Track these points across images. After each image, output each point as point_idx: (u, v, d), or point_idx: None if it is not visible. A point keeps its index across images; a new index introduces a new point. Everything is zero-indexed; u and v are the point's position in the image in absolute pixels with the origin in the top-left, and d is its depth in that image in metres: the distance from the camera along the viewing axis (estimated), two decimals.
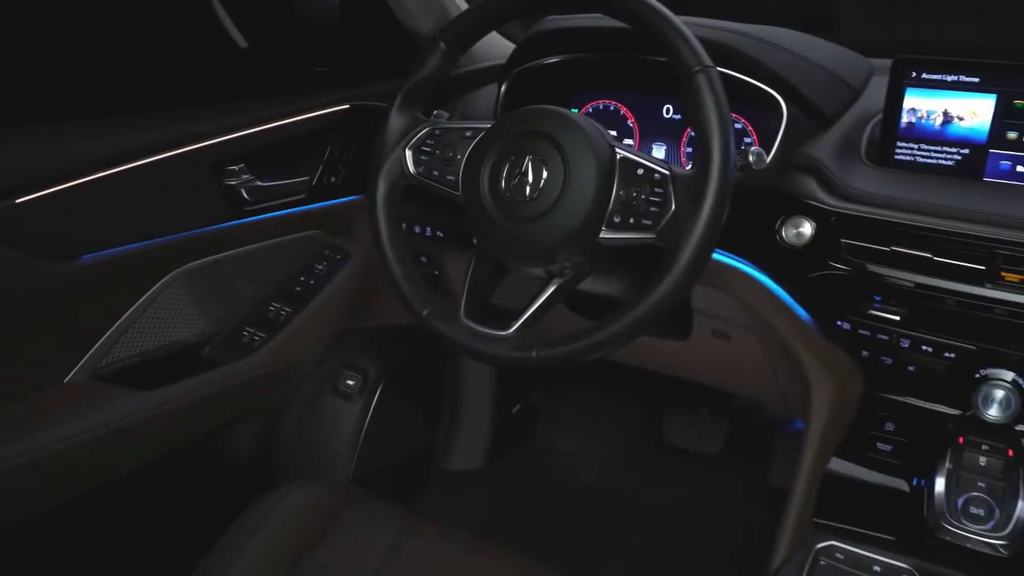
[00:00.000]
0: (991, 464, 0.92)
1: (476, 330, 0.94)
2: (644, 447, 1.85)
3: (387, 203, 1.01)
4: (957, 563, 0.88)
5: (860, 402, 1.07)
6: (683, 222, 0.82)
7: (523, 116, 0.93)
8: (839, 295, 0.99)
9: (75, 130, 1.03)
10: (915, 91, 0.98)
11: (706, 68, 0.82)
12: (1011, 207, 0.91)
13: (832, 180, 0.98)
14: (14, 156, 0.98)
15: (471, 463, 1.81)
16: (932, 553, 0.90)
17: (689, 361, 1.33)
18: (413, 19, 1.29)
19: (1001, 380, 0.93)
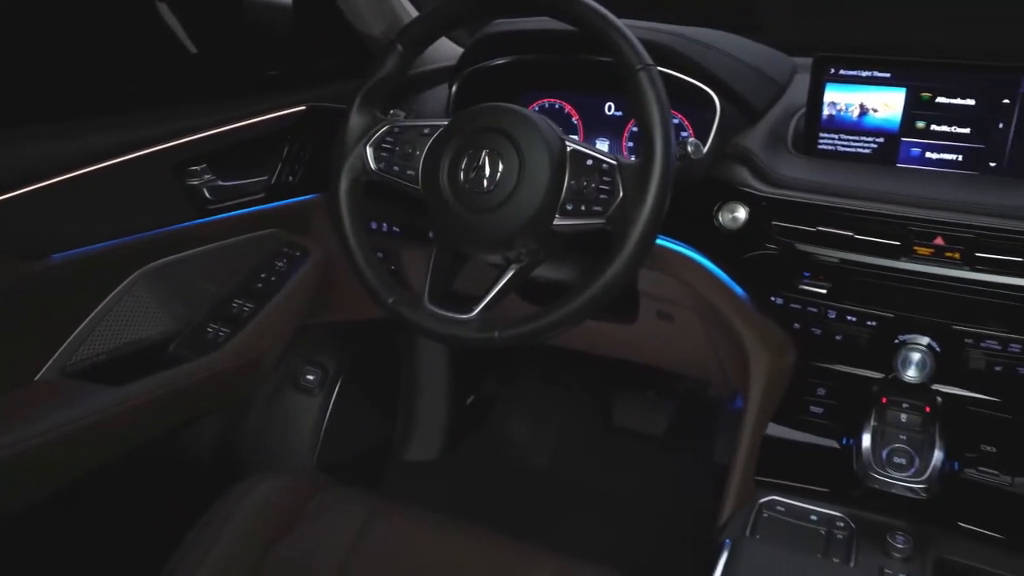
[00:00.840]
0: (911, 420, 1.02)
1: (440, 314, 1.00)
2: (595, 430, 1.92)
3: (350, 198, 1.06)
4: (884, 508, 0.97)
5: (794, 371, 1.17)
6: (630, 207, 0.89)
7: (479, 113, 0.98)
8: (772, 273, 1.08)
9: (43, 133, 1.05)
10: (834, 86, 1.07)
11: (647, 67, 0.90)
12: (921, 189, 1.01)
13: (762, 168, 1.07)
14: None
15: (429, 453, 1.85)
16: (862, 501, 0.99)
17: (637, 343, 1.41)
18: (365, 23, 1.33)
19: (917, 344, 1.02)
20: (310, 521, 1.08)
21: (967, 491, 1.00)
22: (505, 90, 1.29)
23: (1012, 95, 1.00)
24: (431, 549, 1.07)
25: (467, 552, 1.07)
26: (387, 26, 1.35)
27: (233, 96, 1.29)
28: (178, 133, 1.16)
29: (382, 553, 1.06)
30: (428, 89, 1.39)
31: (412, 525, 1.10)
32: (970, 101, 1.02)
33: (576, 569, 1.02)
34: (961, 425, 1.04)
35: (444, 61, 1.43)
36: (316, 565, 1.02)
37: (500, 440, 1.94)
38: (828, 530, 0.97)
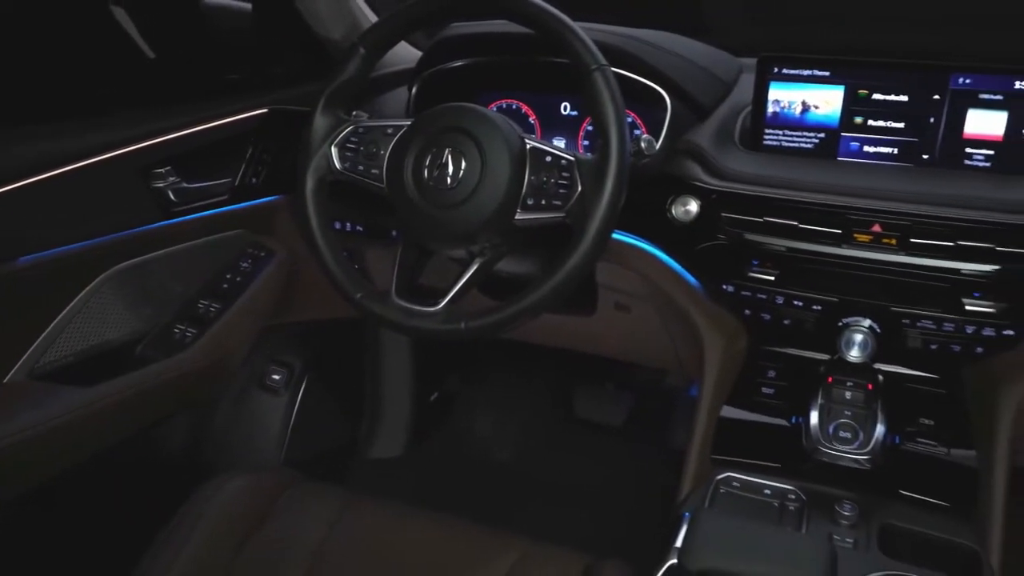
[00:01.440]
0: (855, 397, 1.08)
1: (408, 308, 1.03)
2: (556, 422, 1.97)
3: (316, 197, 1.08)
4: (832, 480, 1.03)
5: (746, 355, 1.23)
6: (589, 200, 0.94)
7: (441, 113, 1.02)
8: (723, 262, 1.13)
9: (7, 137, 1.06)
10: (778, 84, 1.13)
11: (602, 67, 0.94)
12: (860, 180, 1.07)
13: (712, 163, 1.12)
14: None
15: (394, 450, 1.88)
16: (812, 474, 1.05)
17: (596, 335, 1.45)
18: (325, 27, 1.36)
19: (860, 326, 1.09)
20: (280, 517, 1.10)
21: (907, 461, 1.07)
22: (463, 91, 1.32)
23: (941, 91, 1.06)
24: (401, 538, 1.10)
25: (436, 540, 1.10)
26: (346, 30, 1.38)
27: (193, 100, 1.30)
28: (142, 136, 1.17)
29: (353, 544, 1.08)
30: (388, 91, 1.42)
31: (381, 516, 1.13)
32: (903, 97, 1.08)
33: (543, 552, 1.06)
34: (901, 400, 1.11)
35: (403, 64, 1.46)
36: (288, 559, 1.04)
37: (464, 435, 1.98)
38: (781, 502, 1.02)
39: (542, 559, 1.05)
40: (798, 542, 0.88)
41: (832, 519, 0.99)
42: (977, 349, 1.06)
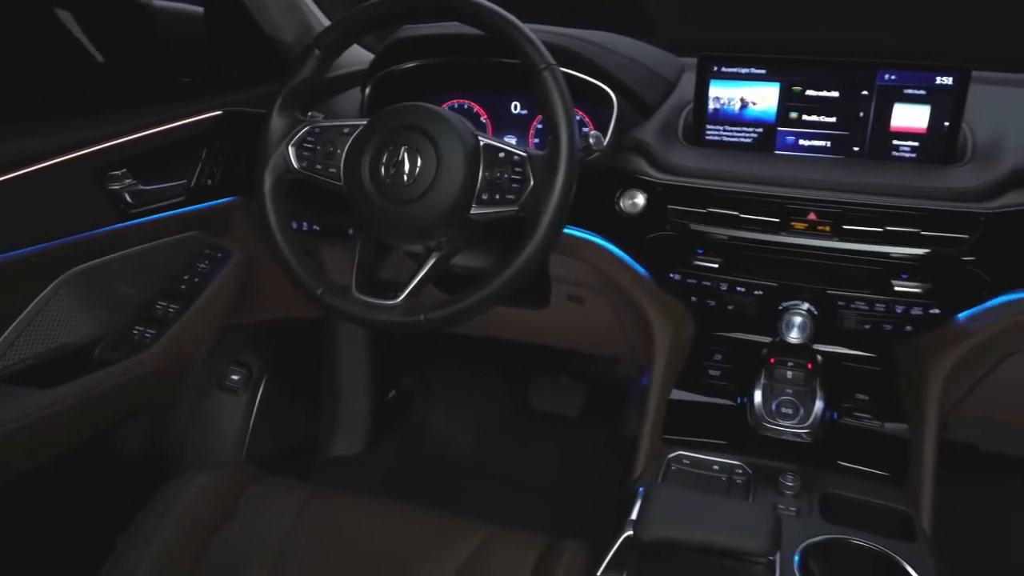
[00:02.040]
0: (795, 376, 1.14)
1: (368, 302, 1.06)
2: (513, 415, 2.01)
3: (274, 195, 1.10)
4: (775, 454, 1.09)
5: (693, 340, 1.28)
6: (541, 194, 0.98)
7: (396, 112, 1.05)
8: (669, 252, 1.19)
9: None
10: (717, 82, 1.19)
11: (551, 66, 0.99)
12: (795, 172, 1.14)
13: (657, 158, 1.18)
14: None
15: (353, 447, 1.90)
16: (756, 449, 1.11)
17: (550, 327, 1.50)
18: (277, 30, 1.38)
19: (798, 309, 1.15)
20: (245, 513, 1.12)
21: (845, 434, 1.14)
22: (416, 92, 1.35)
23: (869, 87, 1.13)
24: (365, 529, 1.12)
25: (400, 528, 1.13)
26: (299, 32, 1.40)
27: (145, 103, 1.31)
28: (98, 139, 1.18)
29: (317, 537, 1.10)
30: (341, 92, 1.45)
31: (345, 508, 1.15)
32: (835, 93, 1.15)
33: (505, 535, 1.09)
34: (838, 378, 1.17)
35: (355, 66, 1.49)
36: (254, 554, 1.06)
37: (422, 431, 2.00)
38: (729, 477, 1.08)
39: (503, 541, 1.09)
40: (745, 511, 0.94)
41: (776, 490, 1.05)
42: (907, 328, 1.13)
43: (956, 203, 1.05)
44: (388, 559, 1.07)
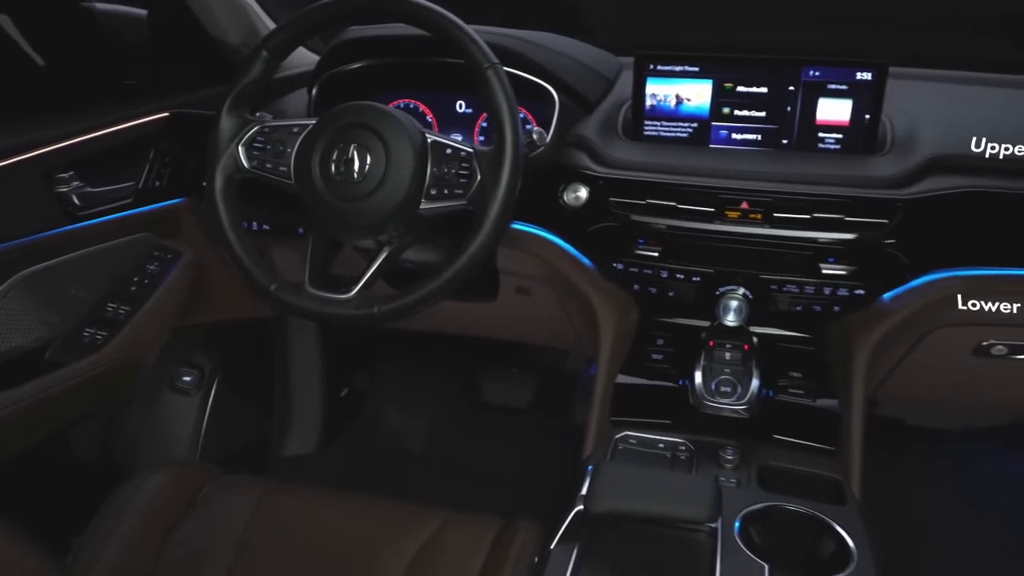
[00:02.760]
0: (733, 357, 1.20)
1: (321, 296, 1.09)
2: (465, 409, 2.05)
3: (225, 194, 1.12)
4: (715, 430, 1.15)
5: (637, 326, 1.34)
6: (488, 187, 1.02)
7: (345, 111, 1.08)
8: (612, 242, 1.24)
9: None
10: (654, 80, 1.24)
11: (494, 65, 1.03)
12: (729, 164, 1.20)
13: (598, 153, 1.23)
14: None
15: (307, 447, 1.91)
16: (698, 427, 1.17)
17: (499, 319, 1.54)
18: (223, 32, 1.39)
19: (735, 294, 1.21)
20: (207, 506, 1.13)
21: (780, 410, 1.20)
22: (362, 92, 1.36)
23: (795, 83, 1.19)
24: (324, 520, 1.14)
25: (358, 518, 1.15)
26: (244, 34, 1.41)
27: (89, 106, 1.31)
28: (45, 141, 1.18)
29: (277, 530, 1.12)
30: (287, 93, 1.47)
31: (303, 501, 1.17)
32: (763, 89, 1.21)
33: (461, 520, 1.13)
34: (773, 358, 1.24)
35: (301, 67, 1.51)
36: (214, 550, 1.07)
37: (376, 428, 2.03)
38: (673, 453, 1.14)
39: (460, 526, 1.12)
40: (688, 483, 0.99)
41: (718, 463, 1.10)
42: (835, 308, 1.20)
43: (877, 190, 1.13)
44: (347, 549, 1.10)
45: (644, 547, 0.93)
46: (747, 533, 0.96)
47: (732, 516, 0.97)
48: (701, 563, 0.90)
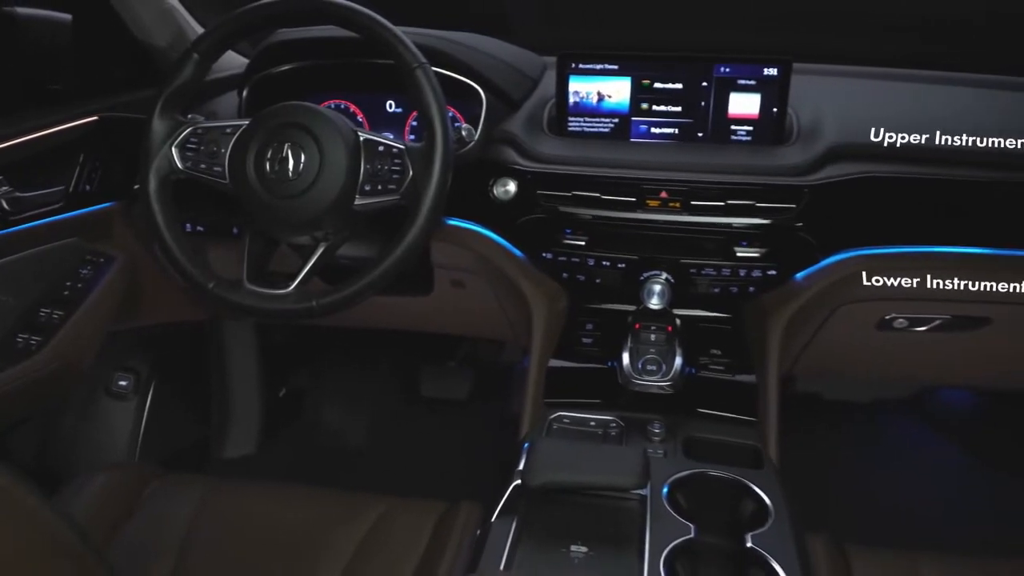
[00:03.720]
0: (658, 338, 1.26)
1: (260, 292, 1.11)
2: (404, 403, 2.08)
3: (160, 196, 1.13)
4: (643, 406, 1.22)
5: (567, 313, 1.40)
6: (420, 183, 1.06)
7: (278, 111, 1.10)
8: (541, 233, 1.29)
9: None
10: (576, 78, 1.29)
11: (423, 64, 1.07)
12: (648, 156, 1.27)
13: (525, 148, 1.28)
14: None
15: (246, 448, 1.92)
16: (627, 404, 1.23)
17: (435, 313, 1.58)
18: (150, 36, 1.39)
19: (658, 279, 1.27)
20: (150, 505, 1.14)
21: (702, 385, 1.27)
22: (292, 94, 1.37)
23: (708, 79, 1.26)
24: (268, 513, 1.16)
25: (302, 510, 1.17)
26: (172, 38, 1.42)
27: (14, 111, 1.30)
28: None
29: (222, 526, 1.13)
30: (218, 95, 1.48)
31: (247, 497, 1.19)
32: (678, 86, 1.27)
33: (404, 505, 1.17)
34: (695, 337, 1.31)
35: (229, 70, 1.52)
36: (160, 548, 1.08)
37: (316, 428, 2.04)
38: (604, 430, 1.20)
39: (403, 511, 1.16)
40: (618, 454, 1.06)
41: (646, 437, 1.17)
42: (750, 289, 1.28)
43: (784, 178, 1.21)
44: (293, 540, 1.12)
45: (580, 515, 0.98)
46: (674, 498, 1.02)
47: (660, 483, 1.03)
48: (633, 527, 0.96)
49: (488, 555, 0.93)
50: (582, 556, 0.92)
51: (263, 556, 1.11)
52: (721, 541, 0.98)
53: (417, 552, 1.09)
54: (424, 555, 1.09)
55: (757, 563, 0.92)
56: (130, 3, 1.33)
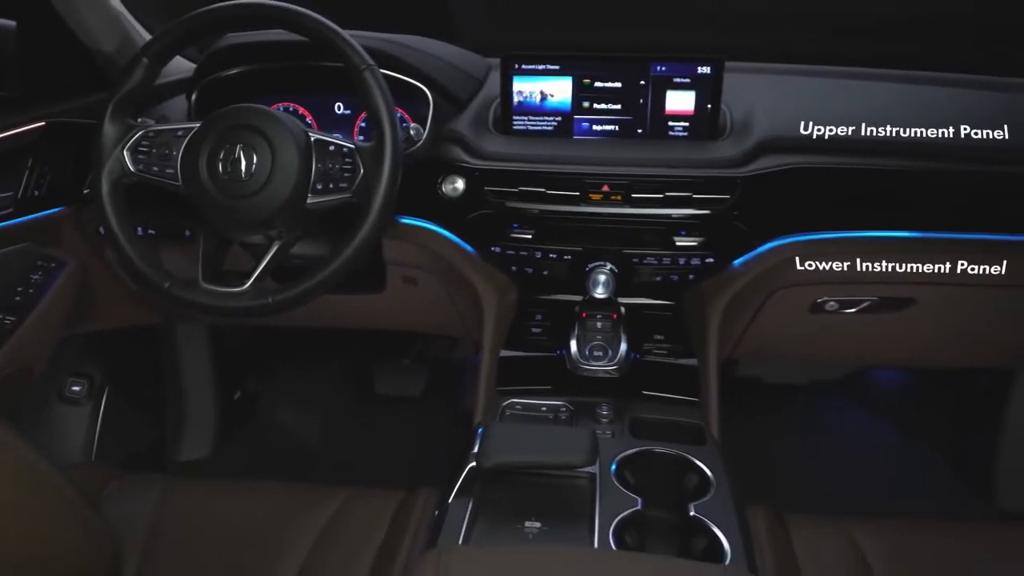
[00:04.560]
0: (604, 325, 1.32)
1: (216, 291, 1.13)
2: (359, 402, 2.11)
3: (113, 198, 1.15)
4: (591, 390, 1.27)
5: (517, 305, 1.44)
6: (371, 180, 1.09)
7: (229, 113, 1.13)
8: (489, 228, 1.34)
9: None
10: (519, 78, 1.34)
11: (371, 66, 1.11)
12: (591, 152, 1.32)
13: (472, 147, 1.32)
14: None
15: (202, 451, 1.92)
16: (576, 389, 1.28)
17: (388, 310, 1.61)
18: (98, 42, 1.39)
19: (602, 269, 1.32)
20: (107, 507, 1.15)
21: (647, 369, 1.33)
22: (241, 97, 1.38)
23: (645, 78, 1.32)
24: (228, 509, 1.19)
25: (262, 504, 1.20)
26: (119, 43, 1.42)
27: None
28: None
29: (182, 523, 1.15)
30: (167, 100, 1.49)
31: (206, 494, 1.21)
32: (618, 84, 1.33)
33: (364, 495, 1.20)
34: (639, 324, 1.37)
35: (177, 74, 1.53)
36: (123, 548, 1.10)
37: (271, 429, 2.05)
38: (555, 414, 1.24)
39: (362, 500, 1.19)
40: (568, 434, 1.11)
41: (595, 419, 1.22)
42: (690, 276, 1.35)
43: (719, 170, 1.27)
44: (253, 534, 1.14)
45: (533, 494, 1.03)
46: (622, 474, 1.07)
47: (608, 460, 1.08)
48: (584, 502, 1.01)
49: (446, 533, 0.96)
50: (536, 531, 0.97)
51: (225, 551, 1.13)
52: (667, 513, 1.04)
53: (377, 538, 1.13)
54: (384, 541, 1.12)
55: (700, 530, 0.98)
56: (77, 9, 1.34)
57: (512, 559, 0.82)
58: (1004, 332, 1.49)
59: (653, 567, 0.84)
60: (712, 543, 0.96)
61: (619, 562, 0.86)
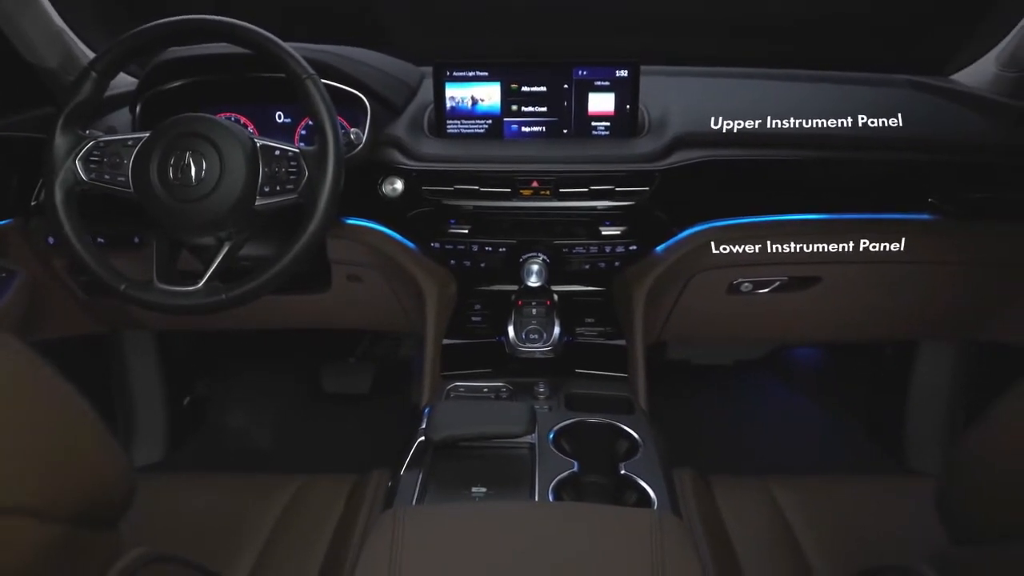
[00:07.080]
0: (538, 311, 1.41)
1: (171, 290, 1.20)
2: (308, 400, 2.16)
3: (66, 207, 1.20)
4: (529, 371, 1.36)
5: (457, 296, 1.53)
6: (316, 182, 1.17)
7: (177, 122, 1.19)
8: (428, 225, 1.42)
9: None
10: (451, 84, 1.42)
11: (311, 75, 1.18)
12: (520, 151, 1.41)
13: (409, 149, 1.40)
14: None
15: (152, 457, 1.95)
16: (515, 370, 1.38)
17: (334, 309, 1.67)
18: (41, 58, 1.43)
19: (535, 260, 1.41)
20: None
21: (579, 350, 1.43)
22: (184, 108, 1.42)
23: (568, 82, 1.41)
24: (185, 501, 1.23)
25: (217, 495, 1.25)
26: (62, 59, 1.46)
27: None
28: None
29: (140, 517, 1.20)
30: (111, 112, 1.53)
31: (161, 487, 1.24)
32: (543, 88, 1.42)
33: (319, 480, 1.27)
34: (571, 309, 1.47)
35: (121, 87, 1.57)
36: None
37: (222, 432, 2.09)
38: (496, 394, 1.33)
39: (317, 486, 1.26)
40: (509, 407, 1.20)
41: (533, 396, 1.31)
42: (616, 264, 1.45)
43: (638, 164, 1.38)
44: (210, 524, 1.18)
45: (478, 464, 1.11)
46: (559, 442, 1.17)
47: (546, 431, 1.17)
48: (525, 469, 1.10)
49: (400, 501, 1.04)
50: (482, 494, 1.05)
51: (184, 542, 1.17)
52: (601, 477, 1.14)
53: (334, 519, 1.19)
54: (340, 521, 1.19)
55: (630, 486, 1.08)
56: (19, 26, 1.37)
57: (462, 513, 0.91)
58: (904, 305, 1.62)
59: (587, 513, 0.93)
60: (641, 496, 1.06)
61: (558, 510, 0.95)
